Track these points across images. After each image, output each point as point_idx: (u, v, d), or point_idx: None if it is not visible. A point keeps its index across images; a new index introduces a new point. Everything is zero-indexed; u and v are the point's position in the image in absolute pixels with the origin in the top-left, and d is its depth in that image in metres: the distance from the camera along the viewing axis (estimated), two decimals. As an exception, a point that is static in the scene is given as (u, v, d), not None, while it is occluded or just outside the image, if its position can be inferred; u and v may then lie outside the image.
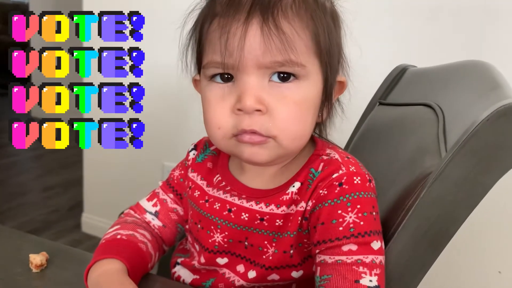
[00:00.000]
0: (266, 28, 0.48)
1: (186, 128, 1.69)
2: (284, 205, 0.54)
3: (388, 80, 0.85)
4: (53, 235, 1.97)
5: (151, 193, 0.67)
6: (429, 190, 0.47)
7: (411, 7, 1.30)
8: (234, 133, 0.51)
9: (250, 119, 0.50)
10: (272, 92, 0.50)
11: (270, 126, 0.50)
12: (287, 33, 0.48)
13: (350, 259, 0.49)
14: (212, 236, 0.58)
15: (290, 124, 0.50)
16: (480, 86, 0.57)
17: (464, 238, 0.55)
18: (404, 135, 0.68)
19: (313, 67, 0.51)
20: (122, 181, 1.88)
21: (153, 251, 0.61)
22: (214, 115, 0.52)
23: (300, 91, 0.51)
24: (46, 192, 2.41)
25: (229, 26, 0.49)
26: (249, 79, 0.50)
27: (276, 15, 0.48)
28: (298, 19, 0.49)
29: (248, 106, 0.49)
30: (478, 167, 0.45)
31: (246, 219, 0.56)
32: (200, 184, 0.62)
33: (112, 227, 0.62)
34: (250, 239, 0.56)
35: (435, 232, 0.48)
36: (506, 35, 1.21)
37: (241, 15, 0.48)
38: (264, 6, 0.48)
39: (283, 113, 0.50)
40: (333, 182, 0.51)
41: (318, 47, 0.51)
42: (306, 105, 0.52)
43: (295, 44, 0.49)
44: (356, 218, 0.50)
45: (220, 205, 0.58)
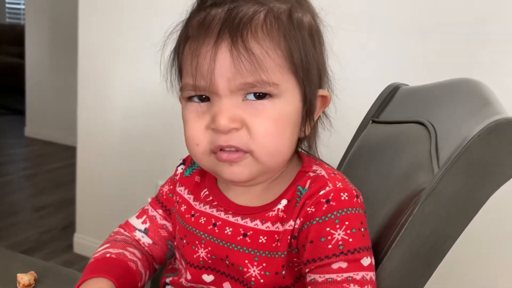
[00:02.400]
0: (235, 50, 0.48)
1: (180, 147, 1.68)
2: (269, 221, 0.54)
3: (381, 99, 0.85)
4: (45, 255, 1.95)
5: (140, 210, 0.67)
6: (422, 206, 0.47)
7: (403, 27, 1.32)
8: (211, 149, 0.52)
9: (227, 136, 0.50)
10: (247, 109, 0.50)
11: (247, 140, 0.50)
12: (257, 54, 0.48)
13: (341, 277, 0.49)
14: (197, 252, 0.57)
15: (268, 139, 0.50)
16: (471, 103, 0.57)
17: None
18: (397, 152, 0.68)
19: (287, 84, 0.51)
20: (115, 201, 1.87)
21: (143, 270, 0.60)
22: (191, 131, 0.53)
23: (275, 108, 0.51)
24: (39, 212, 2.39)
25: (199, 49, 0.50)
26: (222, 101, 0.50)
27: (245, 36, 0.48)
28: (269, 38, 0.49)
29: (223, 125, 0.49)
30: (471, 182, 0.45)
31: (229, 234, 0.55)
32: (187, 198, 0.61)
33: (102, 245, 0.62)
34: (231, 258, 0.54)
35: (429, 249, 0.48)
36: (496, 54, 1.23)
37: (210, 38, 0.49)
38: (233, 29, 0.48)
39: (260, 127, 0.50)
40: (321, 199, 0.51)
41: (293, 65, 0.51)
42: (283, 121, 0.51)
43: (265, 65, 0.49)
44: (345, 235, 0.49)
45: (205, 219, 0.57)
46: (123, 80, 1.78)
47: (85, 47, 1.82)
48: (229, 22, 0.48)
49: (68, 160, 2.94)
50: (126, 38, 1.74)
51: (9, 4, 5.61)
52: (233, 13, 0.49)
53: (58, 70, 3.53)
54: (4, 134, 3.77)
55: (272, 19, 0.50)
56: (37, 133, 3.67)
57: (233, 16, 0.49)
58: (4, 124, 4.05)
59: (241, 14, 0.49)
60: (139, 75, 1.74)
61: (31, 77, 3.73)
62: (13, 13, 5.62)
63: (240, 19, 0.49)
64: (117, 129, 1.82)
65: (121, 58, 1.76)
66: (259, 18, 0.49)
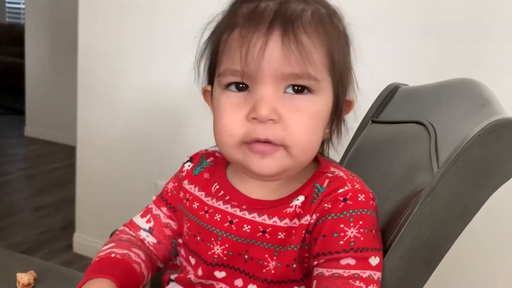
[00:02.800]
0: (286, 40, 0.49)
1: (179, 147, 1.68)
2: (287, 217, 0.54)
3: (381, 98, 0.85)
4: (44, 255, 1.95)
5: (144, 209, 0.67)
6: (421, 206, 0.47)
7: (403, 27, 1.32)
8: (246, 141, 0.52)
9: (264, 128, 0.51)
10: (287, 103, 0.51)
11: (284, 136, 0.51)
12: (306, 46, 0.50)
13: (347, 273, 0.49)
14: (212, 248, 0.57)
15: (304, 135, 0.52)
16: (471, 103, 0.57)
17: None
18: (397, 152, 0.68)
19: (325, 83, 0.53)
20: (115, 201, 1.87)
21: (146, 272, 0.60)
22: (227, 122, 0.53)
23: (313, 104, 0.52)
24: (38, 212, 2.38)
25: (250, 36, 0.50)
26: (265, 89, 0.51)
27: (296, 28, 0.50)
28: (316, 34, 0.51)
29: (263, 115, 0.50)
30: (470, 183, 0.45)
31: (248, 231, 0.55)
32: (198, 195, 0.61)
33: (107, 244, 0.62)
34: (251, 252, 0.55)
35: (428, 249, 0.48)
36: (495, 54, 1.23)
37: (262, 26, 0.50)
38: (286, 19, 0.50)
39: (297, 123, 0.51)
40: (338, 197, 0.52)
41: (332, 64, 0.53)
42: (318, 118, 0.53)
43: (313, 57, 0.50)
44: (358, 233, 0.50)
45: (221, 217, 0.57)
46: (123, 79, 1.78)
47: (85, 47, 1.82)
48: (281, 14, 0.50)
49: (68, 160, 2.94)
50: (126, 38, 1.74)
51: (9, 3, 5.61)
52: (284, 7, 0.51)
53: (58, 70, 3.53)
54: (4, 133, 3.76)
55: (317, 19, 0.52)
56: (37, 133, 3.67)
57: (284, 9, 0.51)
58: (4, 124, 4.04)
59: (292, 9, 0.51)
60: (138, 75, 1.74)
61: (31, 77, 3.73)
62: (13, 13, 5.62)
63: (292, 12, 0.50)
64: (117, 129, 1.82)
65: (121, 58, 1.76)
66: (307, 14, 0.51)
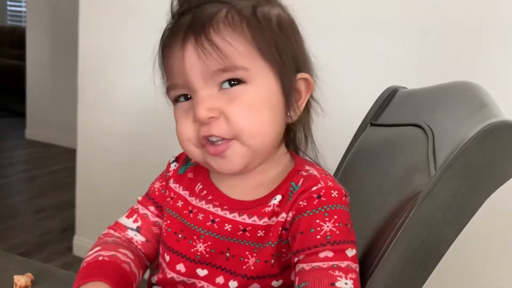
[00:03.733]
0: (199, 46, 0.53)
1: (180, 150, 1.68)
2: (266, 216, 0.57)
3: (379, 101, 0.86)
4: (44, 257, 1.95)
5: (129, 210, 0.67)
6: (418, 209, 0.47)
7: (402, 30, 1.32)
8: (199, 141, 0.55)
9: (207, 126, 0.54)
10: (223, 98, 0.54)
11: (226, 127, 0.53)
12: (218, 44, 0.52)
13: (327, 264, 0.51)
14: (195, 246, 0.59)
15: (245, 122, 0.53)
16: (468, 106, 0.57)
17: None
18: (395, 155, 0.68)
19: (258, 69, 0.54)
20: (115, 204, 1.86)
21: (137, 270, 0.61)
22: (181, 129, 0.57)
23: (248, 92, 0.54)
24: (38, 214, 2.39)
25: (171, 53, 0.55)
26: (199, 93, 0.54)
27: (207, 32, 0.53)
28: (231, 29, 0.53)
29: (201, 115, 0.53)
30: (467, 185, 0.45)
31: (229, 230, 0.58)
32: (183, 194, 0.63)
33: (92, 249, 0.62)
34: (232, 250, 0.57)
35: (425, 251, 0.47)
36: (495, 57, 1.23)
37: (178, 40, 0.54)
38: (197, 28, 0.53)
39: (235, 113, 0.53)
40: (312, 194, 0.55)
41: (261, 51, 0.54)
42: (258, 103, 0.54)
43: (228, 52, 0.52)
44: (333, 227, 0.53)
45: (203, 216, 0.59)
46: (123, 82, 1.78)
47: (85, 50, 1.82)
48: (192, 24, 0.54)
49: (68, 163, 2.94)
50: (126, 40, 1.75)
51: (10, 6, 5.63)
52: (197, 15, 0.54)
53: (59, 72, 3.54)
54: (5, 136, 3.77)
55: (234, 13, 0.54)
56: (38, 135, 3.67)
57: (196, 18, 0.54)
58: (5, 126, 4.05)
59: (204, 15, 0.54)
60: (139, 77, 1.74)
61: (32, 79, 3.74)
62: (14, 16, 5.64)
63: (203, 19, 0.54)
64: (117, 132, 1.82)
65: (122, 60, 1.77)
66: (220, 15, 0.54)
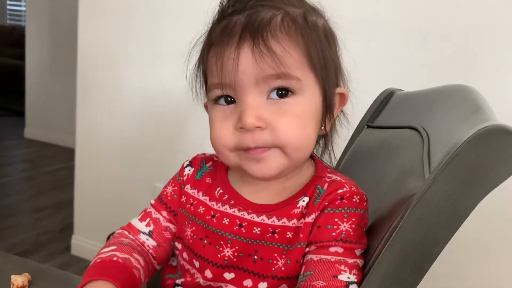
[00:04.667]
0: (256, 49, 0.52)
1: (178, 150, 1.69)
2: (295, 218, 0.57)
3: (376, 104, 0.86)
4: (42, 257, 1.95)
5: (142, 212, 0.67)
6: (412, 211, 0.47)
7: (400, 33, 1.32)
8: (239, 148, 0.55)
9: (253, 136, 0.53)
10: (271, 109, 0.54)
11: (272, 140, 0.53)
12: (277, 51, 0.52)
13: (334, 258, 0.53)
14: (222, 251, 0.59)
15: (293, 135, 0.54)
16: (463, 109, 0.57)
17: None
18: (391, 157, 0.69)
19: (308, 81, 0.55)
20: (114, 203, 1.87)
21: (143, 278, 0.61)
22: (219, 133, 0.56)
23: (298, 105, 0.54)
24: (37, 214, 2.39)
25: (223, 51, 0.54)
26: (248, 98, 0.53)
27: (265, 37, 0.52)
28: (288, 38, 0.53)
29: (249, 123, 0.52)
30: (460, 188, 0.45)
31: (258, 233, 0.58)
32: (203, 199, 0.62)
33: (108, 246, 0.62)
34: (260, 252, 0.57)
35: (418, 254, 0.48)
36: (492, 60, 1.23)
37: (233, 41, 0.53)
38: (254, 31, 0.52)
39: (283, 125, 0.53)
40: (337, 196, 0.56)
41: (311, 62, 0.55)
42: (306, 117, 0.55)
43: (285, 61, 0.52)
44: (349, 228, 0.54)
45: (229, 220, 0.59)
46: (123, 82, 1.78)
47: (84, 49, 1.83)
48: (250, 25, 0.53)
49: (67, 162, 2.95)
50: (126, 40, 1.75)
51: (10, 6, 5.63)
52: (253, 18, 0.53)
53: (58, 72, 3.54)
54: (4, 135, 3.77)
55: (289, 21, 0.54)
56: (37, 134, 3.67)
57: (252, 20, 0.53)
58: (4, 126, 4.05)
59: (260, 18, 0.53)
60: (138, 78, 1.74)
61: (31, 79, 3.74)
62: (14, 15, 5.63)
63: (259, 22, 0.53)
64: (116, 131, 1.83)
65: (121, 60, 1.77)
66: (276, 21, 0.53)
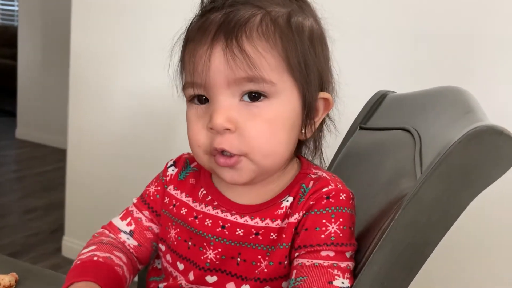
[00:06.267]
0: (229, 50, 0.50)
1: (170, 151, 1.68)
2: (278, 219, 0.56)
3: (369, 105, 0.86)
4: (32, 258, 1.93)
5: (124, 211, 0.66)
6: (403, 212, 0.47)
7: (393, 35, 1.33)
8: (211, 152, 0.54)
9: (221, 138, 0.52)
10: (243, 111, 0.52)
11: (239, 144, 0.52)
12: (250, 54, 0.50)
13: (327, 263, 0.52)
14: (205, 253, 0.58)
15: (260, 141, 0.52)
16: (455, 111, 0.58)
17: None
18: (383, 158, 0.69)
19: (284, 84, 0.53)
20: (105, 205, 1.86)
21: (128, 275, 0.60)
22: (193, 133, 0.55)
23: (270, 109, 0.52)
24: (28, 215, 2.37)
25: (196, 50, 0.53)
26: (219, 98, 0.52)
27: (239, 38, 0.50)
28: (264, 39, 0.51)
29: (218, 124, 0.51)
30: (451, 188, 0.46)
31: (241, 234, 0.56)
32: (186, 201, 0.61)
33: (88, 247, 0.61)
34: (244, 255, 0.56)
35: (410, 254, 0.48)
36: (486, 63, 1.24)
37: (207, 39, 0.52)
38: (228, 30, 0.51)
39: (252, 131, 0.52)
40: (322, 195, 0.55)
41: (289, 66, 0.52)
42: (279, 122, 0.53)
43: (258, 64, 0.50)
44: (338, 229, 0.53)
45: (212, 222, 0.58)
46: (115, 83, 1.77)
47: (77, 49, 1.82)
48: (225, 25, 0.51)
49: (59, 163, 2.92)
50: (118, 40, 1.74)
51: (2, 5, 5.60)
52: (230, 17, 0.51)
53: (50, 72, 3.52)
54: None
55: (269, 22, 0.52)
56: (28, 135, 3.64)
57: (229, 19, 0.51)
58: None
59: (237, 17, 0.51)
60: (131, 78, 1.74)
61: (23, 79, 3.71)
62: (6, 15, 5.60)
63: (236, 21, 0.51)
64: (108, 133, 1.82)
65: (113, 60, 1.76)
66: (255, 21, 0.51)
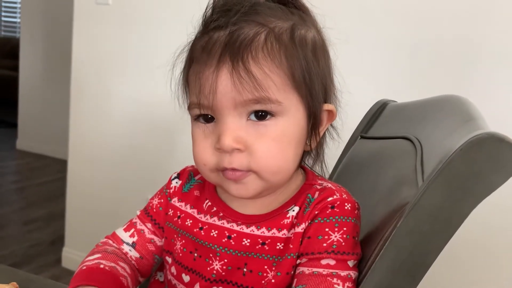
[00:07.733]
0: (235, 73, 0.50)
1: (171, 160, 1.68)
2: (285, 228, 0.56)
3: (370, 115, 0.86)
4: (33, 269, 1.92)
5: (128, 222, 0.66)
6: (405, 220, 0.47)
7: (393, 45, 1.34)
8: (218, 169, 0.54)
9: (230, 157, 0.52)
10: (250, 131, 0.52)
11: (249, 163, 0.52)
12: (257, 75, 0.50)
13: (327, 271, 0.52)
14: (211, 264, 0.57)
15: (269, 160, 0.52)
16: (455, 119, 0.58)
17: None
18: (384, 167, 0.69)
19: (291, 101, 0.53)
20: (105, 216, 1.85)
21: (132, 286, 0.60)
22: (199, 152, 0.55)
23: (278, 128, 0.53)
24: (28, 226, 2.36)
25: (202, 72, 0.52)
26: (227, 119, 0.52)
27: (245, 59, 0.50)
28: (270, 59, 0.51)
29: (227, 145, 0.51)
30: (453, 196, 0.45)
31: (247, 244, 0.56)
32: (191, 212, 0.61)
33: (92, 254, 0.61)
34: (250, 265, 0.56)
35: (412, 263, 0.47)
36: (485, 71, 1.25)
37: (212, 61, 0.51)
38: (234, 52, 0.50)
39: (261, 150, 0.52)
40: (327, 204, 0.55)
41: (295, 82, 0.52)
42: (286, 140, 0.53)
43: (265, 84, 0.50)
44: (340, 238, 0.53)
45: (217, 232, 0.58)
46: (116, 93, 1.78)
47: (78, 61, 1.83)
48: (230, 46, 0.50)
49: (59, 174, 2.92)
50: (119, 52, 1.75)
51: (4, 17, 5.63)
52: (234, 36, 0.51)
53: (52, 83, 3.54)
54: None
55: (273, 40, 0.52)
56: (29, 146, 3.65)
57: (234, 39, 0.51)
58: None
59: (242, 37, 0.51)
60: (131, 89, 1.75)
61: (24, 90, 3.73)
62: (8, 26, 5.63)
63: (241, 42, 0.50)
64: (108, 144, 1.82)
65: (114, 72, 1.77)
66: (259, 40, 0.51)
